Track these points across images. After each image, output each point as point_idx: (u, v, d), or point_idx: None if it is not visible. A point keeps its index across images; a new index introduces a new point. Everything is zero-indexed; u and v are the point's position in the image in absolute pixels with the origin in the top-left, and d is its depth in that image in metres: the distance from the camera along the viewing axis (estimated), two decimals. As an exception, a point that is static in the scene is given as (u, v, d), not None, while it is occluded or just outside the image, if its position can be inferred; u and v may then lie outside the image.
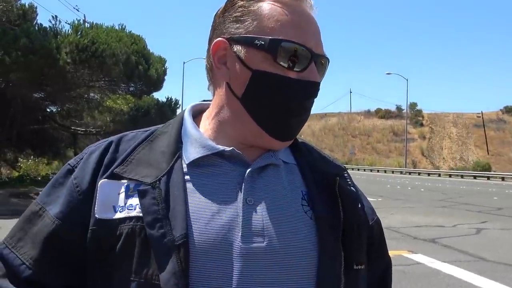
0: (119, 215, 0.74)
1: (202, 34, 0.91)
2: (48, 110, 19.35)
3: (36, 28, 13.85)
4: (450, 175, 37.12)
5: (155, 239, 0.70)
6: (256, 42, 0.77)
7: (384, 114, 69.36)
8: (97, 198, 0.76)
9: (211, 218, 0.73)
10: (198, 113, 0.88)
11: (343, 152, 60.74)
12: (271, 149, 0.82)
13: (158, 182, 0.75)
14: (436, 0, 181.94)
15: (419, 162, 55.02)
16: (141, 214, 0.73)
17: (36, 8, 15.00)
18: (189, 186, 0.76)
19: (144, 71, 16.50)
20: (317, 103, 0.83)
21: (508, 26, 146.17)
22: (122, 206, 0.75)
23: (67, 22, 14.81)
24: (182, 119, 0.86)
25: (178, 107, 22.40)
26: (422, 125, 65.25)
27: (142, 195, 0.74)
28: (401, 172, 41.43)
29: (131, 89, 18.03)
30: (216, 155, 0.79)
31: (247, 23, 0.79)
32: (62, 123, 19.67)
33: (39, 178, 18.75)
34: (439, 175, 37.89)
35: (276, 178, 0.80)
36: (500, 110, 67.19)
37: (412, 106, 66.37)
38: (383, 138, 63.39)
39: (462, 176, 35.43)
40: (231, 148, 0.78)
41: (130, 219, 0.73)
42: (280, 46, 0.76)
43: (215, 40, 0.81)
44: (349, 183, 0.87)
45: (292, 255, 0.73)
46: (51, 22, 14.21)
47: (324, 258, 0.75)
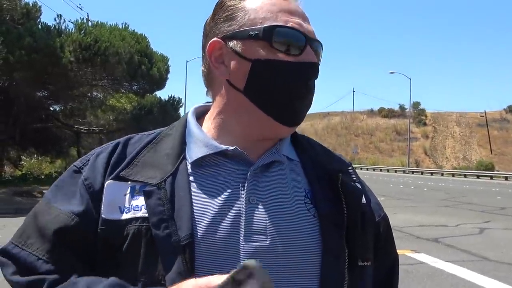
0: (125, 216, 0.75)
1: (205, 33, 0.90)
2: (51, 109, 19.43)
3: (39, 26, 13.88)
4: (453, 175, 37.05)
5: (161, 239, 0.71)
6: (251, 33, 0.78)
7: (387, 113, 69.28)
8: (103, 198, 0.77)
9: (215, 218, 0.74)
10: (201, 114, 0.89)
11: (346, 151, 60.62)
12: (279, 136, 0.83)
13: (163, 183, 0.76)
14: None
15: (422, 162, 54.94)
16: (147, 215, 0.73)
17: (40, 7, 15.07)
18: (193, 186, 0.77)
19: (147, 70, 16.52)
20: (319, 102, 0.84)
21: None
22: (128, 207, 0.76)
23: (70, 21, 14.86)
24: (186, 121, 0.87)
25: (181, 105, 22.45)
26: (425, 124, 65.14)
27: (148, 195, 0.75)
28: (404, 172, 41.34)
29: (134, 87, 18.07)
30: (219, 154, 0.80)
31: (238, 19, 0.80)
32: (65, 122, 19.74)
33: (42, 177, 18.82)
34: (442, 175, 37.79)
35: (280, 176, 0.80)
36: (504, 110, 67.00)
37: (415, 105, 66.31)
38: (386, 137, 63.31)
39: (465, 176, 35.34)
40: (234, 147, 0.79)
41: (136, 219, 0.74)
42: (274, 32, 0.78)
43: (209, 42, 0.82)
44: (353, 178, 0.87)
45: (295, 253, 0.74)
46: (56, 20, 14.27)
47: (328, 255, 0.75)
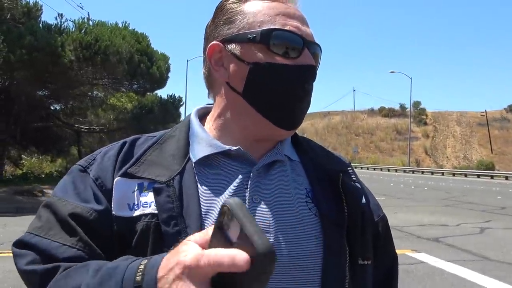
0: (134, 213, 0.76)
1: (205, 33, 0.92)
2: (52, 108, 19.45)
3: (40, 25, 13.88)
4: (454, 174, 37.04)
5: (170, 236, 0.72)
6: (249, 36, 0.80)
7: (387, 113, 69.35)
8: (113, 196, 0.78)
9: None
10: (203, 115, 0.91)
11: (346, 150, 60.69)
12: (278, 139, 0.84)
13: (171, 181, 0.77)
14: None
15: (422, 161, 54.96)
16: (155, 211, 0.74)
17: (41, 6, 15.08)
18: (199, 186, 0.78)
19: (147, 69, 16.52)
20: (320, 102, 0.85)
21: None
22: (137, 204, 0.76)
23: (71, 20, 14.86)
24: (189, 122, 0.88)
25: (182, 104, 22.46)
26: (425, 123, 65.19)
27: (157, 192, 0.75)
28: (404, 171, 41.38)
29: (134, 86, 18.06)
30: (222, 154, 0.81)
31: (237, 22, 0.82)
32: (66, 121, 19.75)
33: (43, 176, 18.85)
34: (443, 174, 37.79)
35: (282, 175, 0.81)
36: (504, 109, 67.07)
37: (416, 104, 66.37)
38: (387, 136, 63.36)
39: (465, 175, 35.33)
40: (237, 147, 0.80)
41: (146, 216, 0.75)
42: (272, 35, 0.79)
43: (209, 45, 0.83)
44: (353, 179, 0.88)
45: (297, 251, 0.75)
46: (57, 19, 14.28)
47: (329, 254, 0.76)
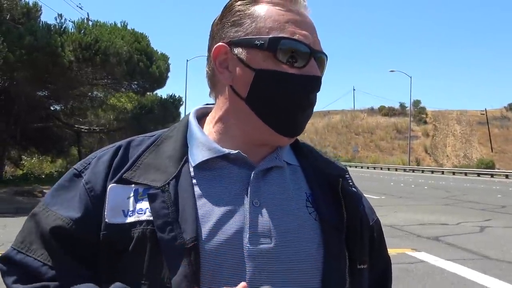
0: (129, 220, 0.75)
1: (205, 32, 0.90)
2: (52, 108, 19.44)
3: (40, 25, 13.87)
4: (454, 173, 36.98)
5: (166, 242, 0.71)
6: (256, 42, 0.78)
7: (387, 112, 69.28)
8: (106, 202, 0.77)
9: (219, 221, 0.74)
10: (201, 116, 0.89)
11: (346, 149, 60.70)
12: (278, 145, 0.83)
13: (167, 186, 0.75)
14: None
15: (422, 160, 54.90)
16: (151, 218, 0.73)
17: (40, 6, 15.06)
18: (196, 189, 0.77)
19: (147, 68, 16.52)
20: (320, 101, 0.84)
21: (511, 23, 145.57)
22: (132, 211, 0.75)
23: (70, 21, 14.86)
24: (187, 122, 0.87)
25: (182, 104, 22.45)
26: (425, 122, 65.12)
27: (152, 199, 0.74)
28: (404, 170, 41.32)
29: (134, 86, 18.06)
30: (221, 158, 0.80)
31: (245, 25, 0.80)
32: (66, 121, 19.75)
33: (43, 176, 18.87)
34: (443, 173, 37.76)
35: (281, 180, 0.81)
36: (504, 108, 66.96)
37: (416, 103, 66.26)
38: (387, 135, 63.30)
39: (465, 174, 35.28)
40: (237, 151, 0.79)
41: (141, 223, 0.74)
42: (279, 43, 0.77)
43: (215, 45, 0.81)
44: (350, 184, 0.88)
45: (298, 256, 0.74)
46: (56, 20, 14.27)
47: (329, 258, 0.76)
